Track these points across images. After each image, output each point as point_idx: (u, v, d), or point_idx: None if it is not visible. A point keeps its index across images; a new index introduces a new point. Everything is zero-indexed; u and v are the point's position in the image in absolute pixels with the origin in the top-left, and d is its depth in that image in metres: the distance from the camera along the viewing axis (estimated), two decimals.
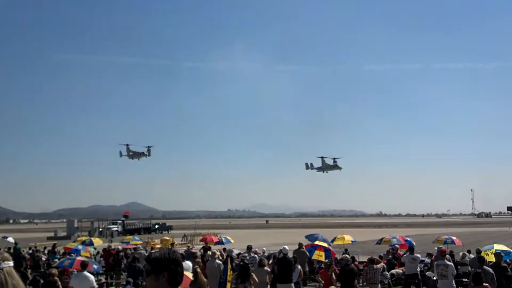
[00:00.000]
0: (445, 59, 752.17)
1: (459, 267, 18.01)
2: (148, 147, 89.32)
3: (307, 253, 19.64)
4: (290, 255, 16.75)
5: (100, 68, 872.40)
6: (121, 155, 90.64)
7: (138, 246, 29.68)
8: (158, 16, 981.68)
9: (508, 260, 16.63)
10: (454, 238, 26.27)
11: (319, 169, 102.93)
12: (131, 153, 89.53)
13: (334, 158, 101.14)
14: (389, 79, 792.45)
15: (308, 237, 25.56)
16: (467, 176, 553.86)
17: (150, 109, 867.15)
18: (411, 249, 18.76)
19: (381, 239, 26.69)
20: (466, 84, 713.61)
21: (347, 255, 15.94)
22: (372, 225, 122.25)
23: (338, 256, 21.76)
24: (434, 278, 14.92)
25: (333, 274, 15.31)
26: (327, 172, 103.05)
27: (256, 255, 19.81)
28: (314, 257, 19.60)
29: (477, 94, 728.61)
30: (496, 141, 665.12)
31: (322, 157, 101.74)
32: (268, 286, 14.50)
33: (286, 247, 16.14)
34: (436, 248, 17.91)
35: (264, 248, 24.73)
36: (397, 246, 23.69)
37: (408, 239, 25.99)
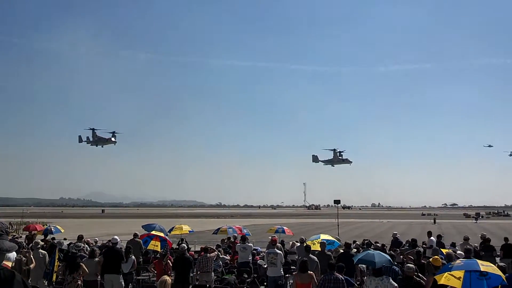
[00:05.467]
0: (296, 61, 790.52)
1: (288, 255, 19.03)
2: (113, 132, 79.74)
3: (142, 243, 19.27)
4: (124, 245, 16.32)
5: None
6: (80, 140, 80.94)
7: None
8: None
9: (332, 249, 17.90)
10: (285, 228, 27.75)
11: (327, 162, 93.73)
12: (96, 139, 79.61)
13: (340, 151, 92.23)
14: (246, 76, 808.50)
15: (145, 227, 25.16)
16: (301, 169, 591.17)
17: None
18: (243, 238, 19.38)
19: (218, 229, 27.26)
20: (312, 84, 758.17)
21: (184, 245, 15.95)
22: (210, 216, 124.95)
23: (175, 246, 21.78)
24: (265, 266, 15.59)
25: (168, 263, 15.23)
26: (334, 166, 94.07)
27: (87, 246, 19.04)
28: (150, 247, 19.31)
29: (320, 93, 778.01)
30: (327, 137, 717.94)
31: (334, 150, 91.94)
32: (99, 276, 13.94)
33: (116, 237, 15.69)
34: (269, 238, 18.77)
35: (97, 238, 23.80)
36: (235, 235, 24.44)
37: (244, 230, 26.90)
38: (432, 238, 21.78)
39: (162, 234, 20.30)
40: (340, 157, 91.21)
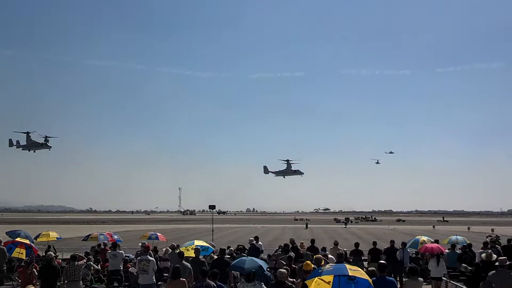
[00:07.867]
0: (166, 63, 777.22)
1: (160, 262, 18.97)
2: (46, 137, 71.93)
3: (6, 250, 18.18)
4: None
5: None
6: (11, 144, 72.37)
7: None
8: None
9: (206, 255, 18.12)
10: (159, 234, 27.64)
11: (278, 173, 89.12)
12: (29, 143, 71.46)
13: (288, 161, 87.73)
14: (115, 76, 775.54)
15: (9, 233, 23.90)
16: (176, 174, 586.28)
17: None
18: (114, 245, 19.04)
19: (88, 236, 26.45)
20: (187, 88, 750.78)
21: (51, 253, 15.36)
22: (80, 222, 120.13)
23: (41, 254, 20.75)
24: (136, 274, 15.45)
25: (33, 272, 14.57)
26: (285, 177, 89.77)
27: None
28: (14, 254, 18.37)
29: (196, 98, 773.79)
30: (204, 141, 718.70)
31: (287, 161, 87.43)
32: None
33: None
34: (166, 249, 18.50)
35: None
36: (105, 242, 23.76)
37: (115, 236, 26.33)
38: (255, 242, 22.59)
39: (27, 241, 19.36)
40: (293, 169, 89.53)
